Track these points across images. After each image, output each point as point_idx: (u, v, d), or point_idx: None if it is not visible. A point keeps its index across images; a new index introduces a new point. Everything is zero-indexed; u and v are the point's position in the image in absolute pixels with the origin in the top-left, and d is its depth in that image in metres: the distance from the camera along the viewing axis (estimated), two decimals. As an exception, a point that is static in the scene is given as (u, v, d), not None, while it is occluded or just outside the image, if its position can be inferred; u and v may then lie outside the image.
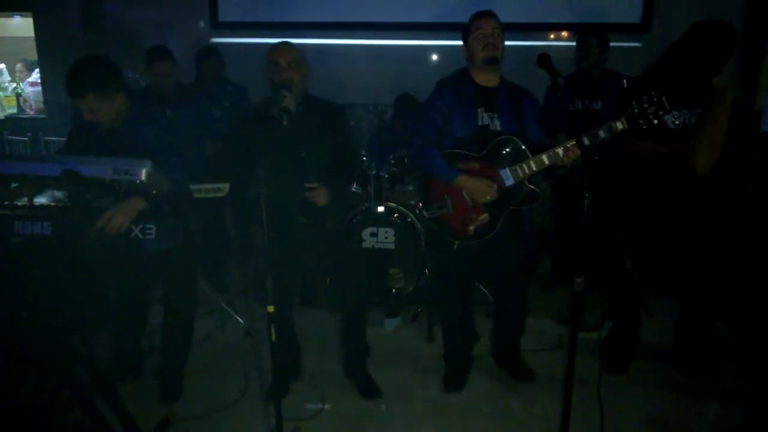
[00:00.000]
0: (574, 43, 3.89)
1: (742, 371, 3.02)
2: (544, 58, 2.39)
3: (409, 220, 3.84)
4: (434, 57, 5.17)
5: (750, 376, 2.97)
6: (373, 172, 3.93)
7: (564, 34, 4.90)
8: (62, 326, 2.19)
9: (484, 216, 2.63)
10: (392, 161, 4.02)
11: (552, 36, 4.94)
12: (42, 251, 2.34)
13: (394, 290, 3.86)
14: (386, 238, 3.78)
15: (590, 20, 4.80)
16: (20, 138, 5.73)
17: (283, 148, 2.56)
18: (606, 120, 2.39)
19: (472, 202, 2.63)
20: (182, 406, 2.82)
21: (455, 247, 2.71)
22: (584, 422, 2.40)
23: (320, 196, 2.58)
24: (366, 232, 3.79)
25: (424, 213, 2.77)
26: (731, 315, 3.44)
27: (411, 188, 3.92)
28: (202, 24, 5.28)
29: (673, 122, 2.64)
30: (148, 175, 2.17)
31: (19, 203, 2.28)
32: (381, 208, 3.86)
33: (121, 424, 2.33)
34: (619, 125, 2.34)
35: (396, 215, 3.85)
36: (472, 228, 2.65)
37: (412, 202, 3.93)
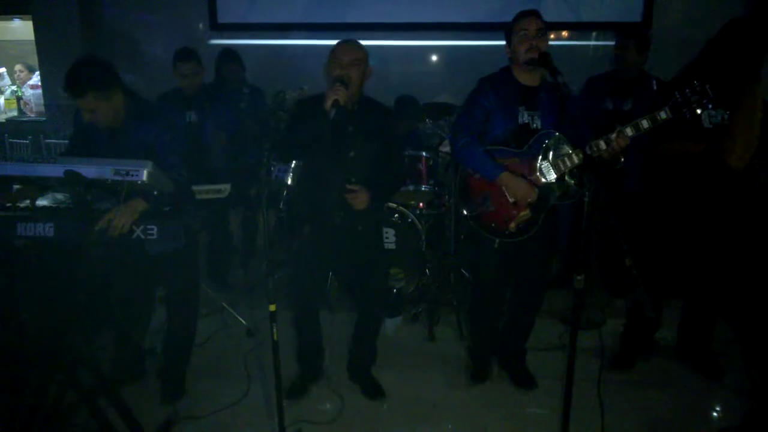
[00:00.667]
0: (574, 43, 3.89)
1: (744, 369, 3.02)
2: (544, 56, 2.40)
3: (409, 220, 3.85)
4: (436, 58, 5.18)
5: (752, 374, 2.97)
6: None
7: (564, 33, 4.90)
8: (65, 328, 2.20)
9: (526, 212, 2.60)
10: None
11: (552, 36, 4.95)
12: (44, 253, 2.36)
13: (395, 290, 3.86)
14: (387, 238, 3.78)
15: (591, 19, 4.81)
16: (21, 141, 5.74)
17: (334, 145, 2.53)
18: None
19: (512, 199, 2.61)
20: (185, 406, 2.82)
21: (496, 245, 2.69)
22: (585, 421, 2.40)
23: (359, 200, 2.55)
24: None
25: (464, 212, 2.75)
26: (734, 313, 3.44)
27: (411, 188, 3.92)
28: (201, 26, 5.29)
29: (709, 120, 2.66)
30: (150, 175, 2.18)
31: (22, 205, 2.29)
32: (382, 208, 3.86)
33: (125, 424, 2.34)
34: (663, 114, 2.34)
35: (397, 215, 3.85)
36: (513, 225, 2.63)
37: (413, 203, 3.94)
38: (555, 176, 2.56)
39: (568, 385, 2.08)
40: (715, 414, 2.84)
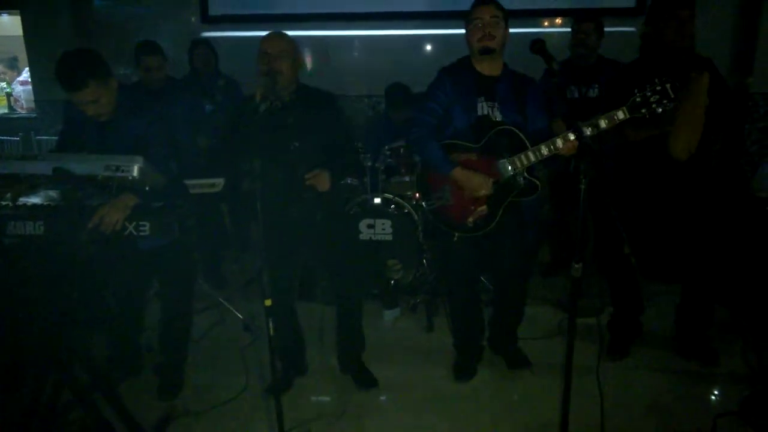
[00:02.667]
0: (568, 30, 3.85)
1: (741, 355, 3.02)
2: (538, 43, 2.36)
3: (405, 211, 3.83)
4: (428, 46, 5.15)
5: (749, 359, 2.97)
6: (369, 164, 3.92)
7: (558, 20, 4.87)
8: (59, 326, 2.18)
9: (483, 208, 2.60)
10: (388, 152, 4.01)
11: (546, 23, 4.92)
12: (35, 251, 2.33)
13: (392, 282, 3.85)
14: (383, 229, 3.77)
15: (584, 5, 4.78)
16: (12, 138, 5.69)
17: (273, 139, 2.51)
18: (604, 107, 2.36)
19: (468, 194, 2.61)
20: (182, 401, 2.82)
21: (455, 239, 2.70)
22: (585, 408, 2.40)
23: (321, 180, 2.53)
24: (363, 224, 3.77)
25: (423, 204, 2.75)
26: (730, 299, 3.45)
27: (407, 179, 3.90)
28: (192, 18, 5.24)
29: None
30: (141, 171, 2.15)
31: (3, 203, 2.26)
32: (377, 200, 3.85)
33: (122, 421, 2.33)
34: (620, 114, 2.28)
35: (393, 206, 3.84)
36: (471, 220, 2.63)
37: (409, 193, 3.92)
38: (512, 172, 2.54)
39: (567, 372, 2.07)
40: (713, 399, 2.84)
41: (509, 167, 2.54)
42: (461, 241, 2.70)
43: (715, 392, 2.88)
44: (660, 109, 2.22)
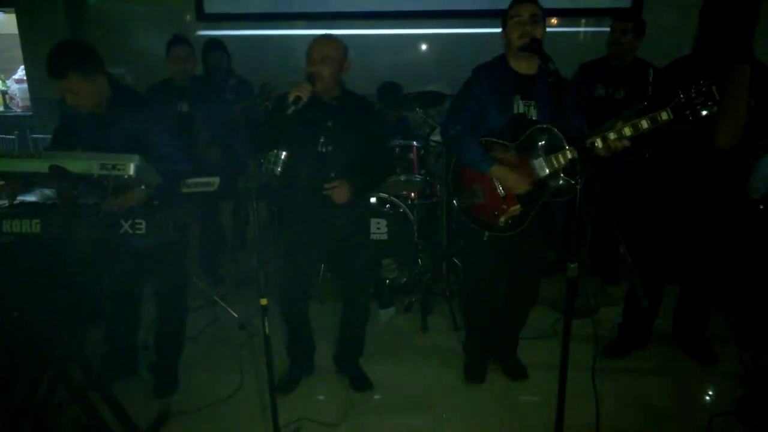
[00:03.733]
0: (562, 29, 3.84)
1: (737, 355, 3.03)
2: (534, 42, 2.36)
3: (401, 210, 3.83)
4: (425, 46, 5.14)
5: (745, 360, 2.98)
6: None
7: (553, 21, 4.86)
8: (54, 324, 2.17)
9: (516, 207, 2.55)
10: (384, 152, 4.00)
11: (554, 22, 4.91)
12: (32, 249, 2.33)
13: (387, 281, 3.85)
14: (379, 228, 3.77)
15: (580, 5, 4.79)
16: (8, 136, 5.67)
17: (304, 139, 2.50)
18: (650, 105, 2.30)
19: (503, 193, 2.57)
20: (178, 400, 2.81)
21: (485, 238, 2.65)
22: (580, 409, 2.40)
23: (340, 194, 2.52)
24: (359, 224, 3.78)
25: (455, 202, 2.72)
26: (728, 299, 3.46)
27: (403, 178, 3.90)
28: (188, 17, 5.22)
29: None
30: (137, 169, 2.14)
31: (10, 202, 2.26)
32: (373, 199, 3.85)
33: (117, 420, 2.32)
34: (664, 115, 2.22)
35: (388, 206, 3.83)
36: (502, 219, 2.59)
37: (404, 193, 3.92)
38: (548, 172, 2.49)
39: (562, 373, 2.07)
40: (709, 400, 2.86)
41: (545, 166, 2.49)
42: (490, 241, 2.66)
43: (711, 392, 2.89)
44: (704, 112, 2.17)
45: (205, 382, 2.96)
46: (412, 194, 3.92)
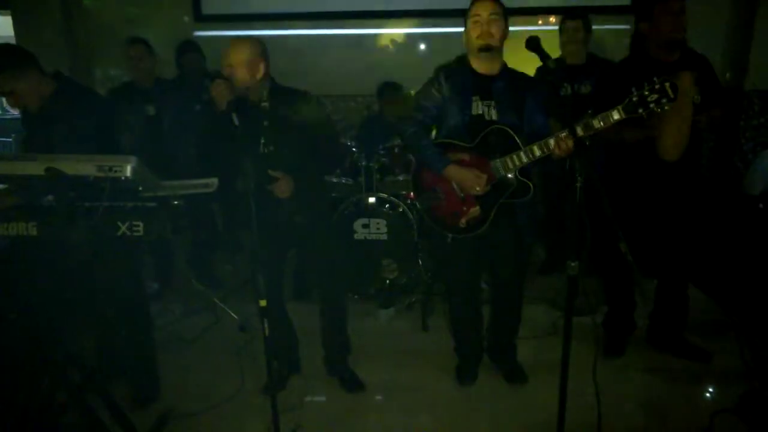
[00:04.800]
0: (549, 28, 3.84)
1: (737, 352, 3.02)
2: (533, 41, 2.35)
3: (400, 210, 3.82)
4: (421, 45, 5.12)
5: (745, 355, 2.98)
6: (364, 163, 3.90)
7: (552, 19, 4.85)
8: (52, 327, 2.16)
9: (475, 209, 2.57)
10: (382, 152, 3.99)
11: (540, 21, 4.90)
12: (29, 252, 2.32)
13: (387, 281, 3.84)
14: (378, 229, 3.76)
15: (579, 3, 4.77)
16: (5, 139, 5.67)
17: (249, 143, 2.50)
18: (596, 107, 2.32)
19: (462, 195, 2.59)
20: (178, 402, 2.80)
21: (449, 240, 2.67)
22: (581, 408, 2.39)
23: (281, 188, 2.52)
24: (358, 224, 3.77)
25: (417, 203, 2.73)
26: (726, 296, 3.45)
27: (402, 178, 3.89)
28: (185, 18, 5.21)
29: None
30: (134, 171, 2.13)
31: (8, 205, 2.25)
32: (372, 199, 3.84)
33: (117, 423, 2.31)
34: (615, 115, 2.22)
35: (387, 206, 3.83)
36: (463, 221, 2.60)
37: (404, 192, 3.91)
38: (503, 173, 2.52)
39: (563, 372, 2.06)
40: (709, 397, 2.85)
41: (501, 168, 2.52)
42: (456, 242, 2.67)
43: (712, 390, 2.89)
44: (659, 109, 2.16)
45: (206, 384, 2.95)
46: (411, 194, 3.91)
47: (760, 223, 3.38)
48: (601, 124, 2.25)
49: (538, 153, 2.41)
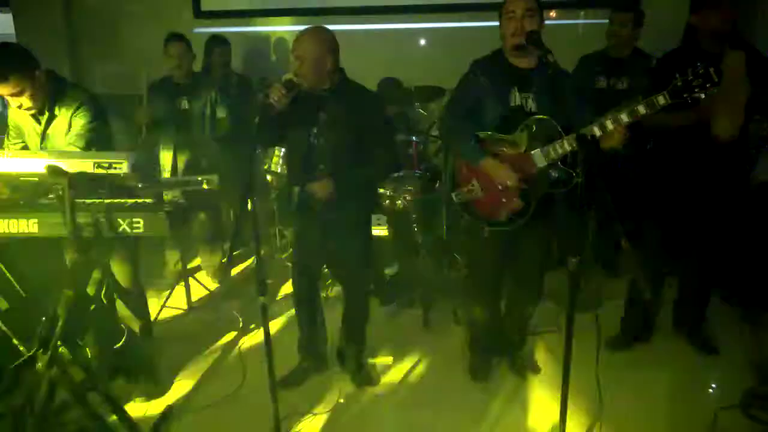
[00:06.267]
0: (561, 22, 3.80)
1: (742, 347, 3.02)
2: (533, 34, 2.33)
3: (401, 205, 3.80)
4: (425, 41, 5.10)
5: (751, 352, 2.98)
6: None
7: (552, 13, 4.81)
8: (53, 324, 2.16)
9: (516, 200, 2.53)
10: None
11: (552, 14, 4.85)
12: (30, 249, 2.31)
13: (388, 277, 3.83)
14: (379, 224, 3.75)
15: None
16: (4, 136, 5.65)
17: (296, 132, 2.48)
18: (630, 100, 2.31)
19: (502, 187, 2.53)
20: (181, 399, 2.81)
21: (486, 234, 2.61)
22: (584, 402, 2.40)
23: (320, 189, 2.51)
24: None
25: (453, 197, 2.69)
26: (734, 289, 3.44)
27: (403, 173, 3.87)
28: (185, 13, 5.19)
29: None
30: (133, 167, 2.12)
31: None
32: (373, 195, 3.82)
33: (119, 420, 2.31)
34: (661, 99, 2.20)
35: (388, 201, 3.81)
36: (504, 213, 2.55)
37: (405, 188, 3.89)
38: (545, 163, 2.46)
39: (565, 367, 2.06)
40: (714, 392, 2.84)
41: (543, 157, 2.46)
42: (491, 236, 2.62)
43: (717, 385, 2.88)
44: (703, 94, 2.15)
45: (208, 381, 2.96)
46: (412, 189, 3.90)
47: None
48: (647, 109, 2.23)
49: (584, 138, 2.32)
